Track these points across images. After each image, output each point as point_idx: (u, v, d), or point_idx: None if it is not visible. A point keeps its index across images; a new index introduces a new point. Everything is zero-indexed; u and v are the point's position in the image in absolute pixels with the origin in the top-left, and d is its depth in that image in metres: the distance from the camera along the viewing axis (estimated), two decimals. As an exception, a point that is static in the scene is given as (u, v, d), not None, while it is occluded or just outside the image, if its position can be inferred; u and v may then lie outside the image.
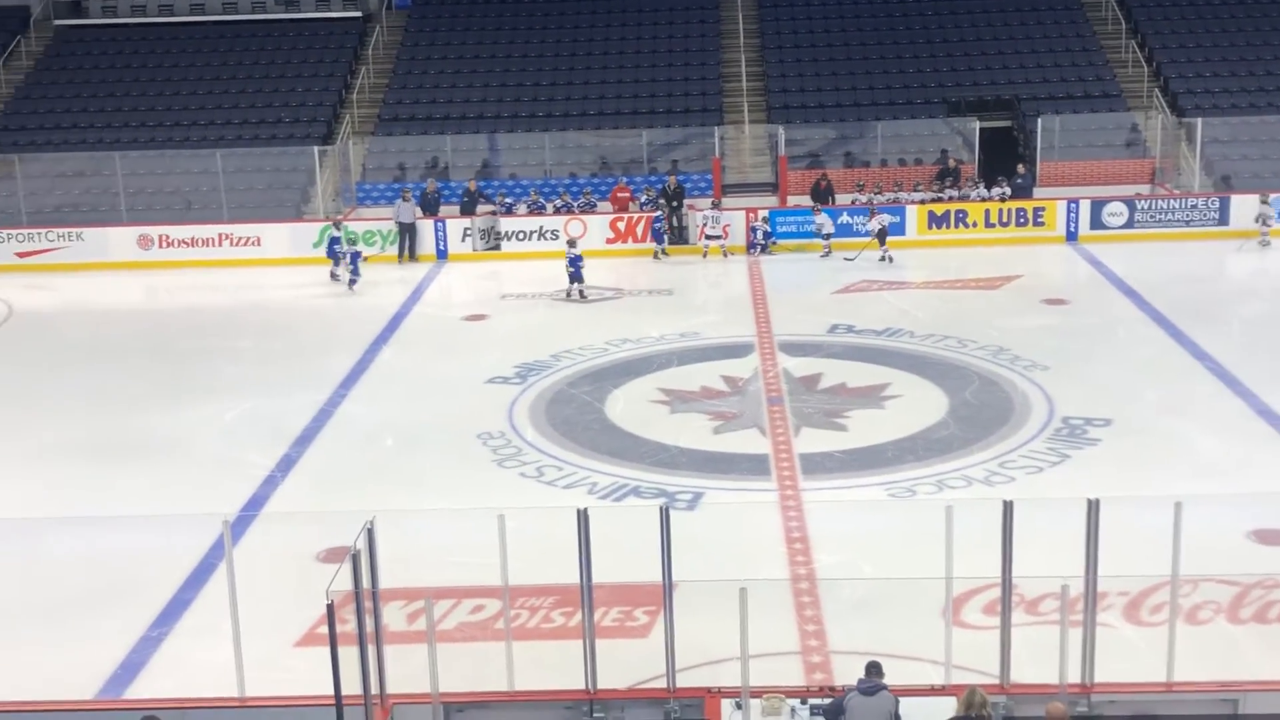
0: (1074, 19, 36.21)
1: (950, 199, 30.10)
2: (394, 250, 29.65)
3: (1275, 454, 16.96)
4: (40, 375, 22.33)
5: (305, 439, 18.43)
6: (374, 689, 9.84)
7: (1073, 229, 29.53)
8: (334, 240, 27.87)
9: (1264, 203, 27.92)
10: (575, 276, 25.65)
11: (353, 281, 27.11)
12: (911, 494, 15.95)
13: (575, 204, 30.59)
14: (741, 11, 37.21)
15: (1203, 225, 29.08)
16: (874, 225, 28.46)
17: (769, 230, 29.30)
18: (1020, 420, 18.32)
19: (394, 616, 12.29)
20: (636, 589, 12.62)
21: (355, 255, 27.35)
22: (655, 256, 29.22)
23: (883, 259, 27.85)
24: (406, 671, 10.45)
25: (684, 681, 10.50)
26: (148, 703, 10.50)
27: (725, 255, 28.80)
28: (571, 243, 26.10)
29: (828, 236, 28.96)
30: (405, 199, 29.74)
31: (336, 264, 27.64)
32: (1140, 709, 10.26)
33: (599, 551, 10.62)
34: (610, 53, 36.22)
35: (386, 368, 22.03)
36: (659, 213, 29.48)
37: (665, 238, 29.37)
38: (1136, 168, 31.80)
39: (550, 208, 30.49)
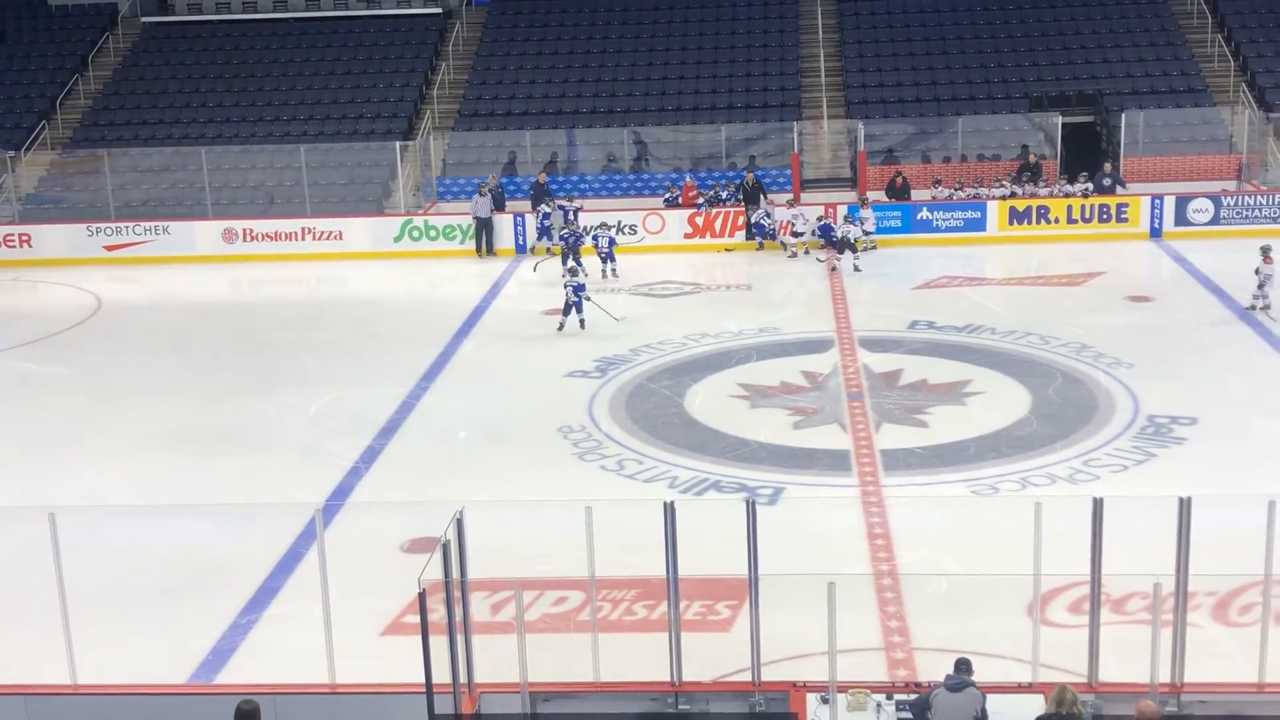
0: (1158, 12, 35.67)
1: (1031, 195, 29.78)
2: (472, 245, 29.89)
3: (1368, 455, 16.65)
4: (128, 367, 22.78)
5: (388, 431, 18.64)
6: (462, 678, 9.95)
7: (1157, 225, 29.12)
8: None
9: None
10: (576, 306, 23.15)
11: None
12: (994, 491, 15.82)
13: (663, 196, 30.64)
14: (821, 6, 37.07)
15: (1291, 222, 28.57)
16: (841, 231, 27.60)
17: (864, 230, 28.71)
18: (1104, 418, 18.12)
19: (478, 607, 12.41)
20: (718, 582, 12.65)
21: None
22: (759, 248, 29.18)
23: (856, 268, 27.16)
24: (492, 661, 10.56)
25: (768, 676, 10.52)
26: (240, 688, 10.67)
27: (807, 251, 28.65)
28: (573, 271, 23.65)
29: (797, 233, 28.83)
30: (482, 194, 29.96)
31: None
32: (1231, 709, 10.14)
33: (680, 545, 10.66)
34: (689, 48, 36.24)
35: (467, 361, 22.22)
36: (748, 209, 29.42)
37: (755, 232, 29.31)
38: (1222, 163, 31.28)
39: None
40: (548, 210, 28.81)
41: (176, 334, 25.03)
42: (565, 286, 23.23)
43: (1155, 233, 29.08)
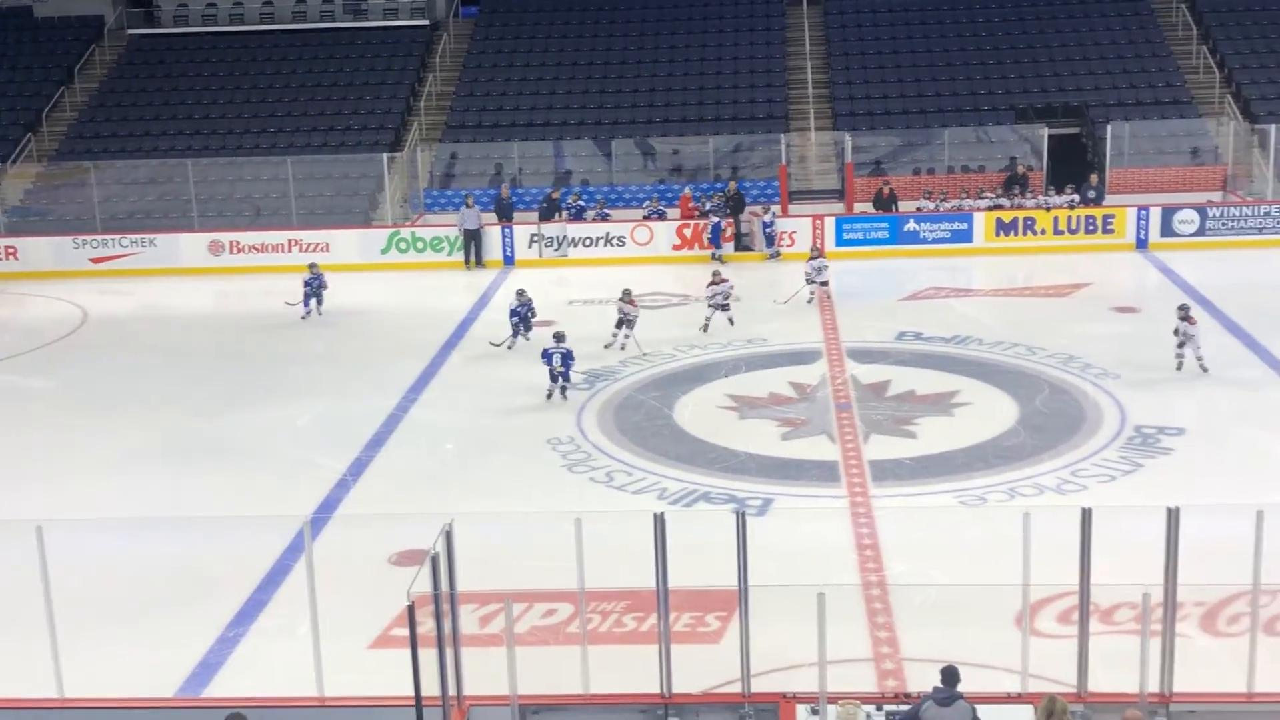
0: (1144, 24, 35.85)
1: (1017, 206, 29.88)
2: (460, 257, 29.91)
3: (1354, 465, 16.71)
4: (115, 380, 22.70)
5: (376, 443, 18.60)
6: (451, 690, 9.92)
7: (1143, 236, 29.22)
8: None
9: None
10: (564, 375, 20.15)
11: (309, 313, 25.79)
12: (983, 501, 15.84)
13: (644, 209, 30.72)
14: (808, 18, 37.18)
15: (1276, 233, 28.71)
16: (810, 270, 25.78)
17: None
18: (1092, 428, 18.16)
19: (467, 619, 12.38)
20: (707, 594, 12.63)
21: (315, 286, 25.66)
22: (713, 259, 29.25)
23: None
24: (481, 673, 10.53)
25: (758, 687, 10.50)
26: (228, 701, 10.62)
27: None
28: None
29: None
30: (469, 205, 29.99)
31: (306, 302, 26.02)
32: (1221, 719, 10.15)
33: (670, 556, 10.64)
34: (677, 60, 36.31)
35: (455, 373, 22.20)
36: (717, 219, 29.47)
37: (721, 243, 29.36)
38: (1208, 175, 31.45)
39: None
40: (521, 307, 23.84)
41: (163, 346, 24.97)
42: (551, 356, 20.13)
43: (1141, 244, 29.19)
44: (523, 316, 22.98)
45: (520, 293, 23.23)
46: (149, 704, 11.19)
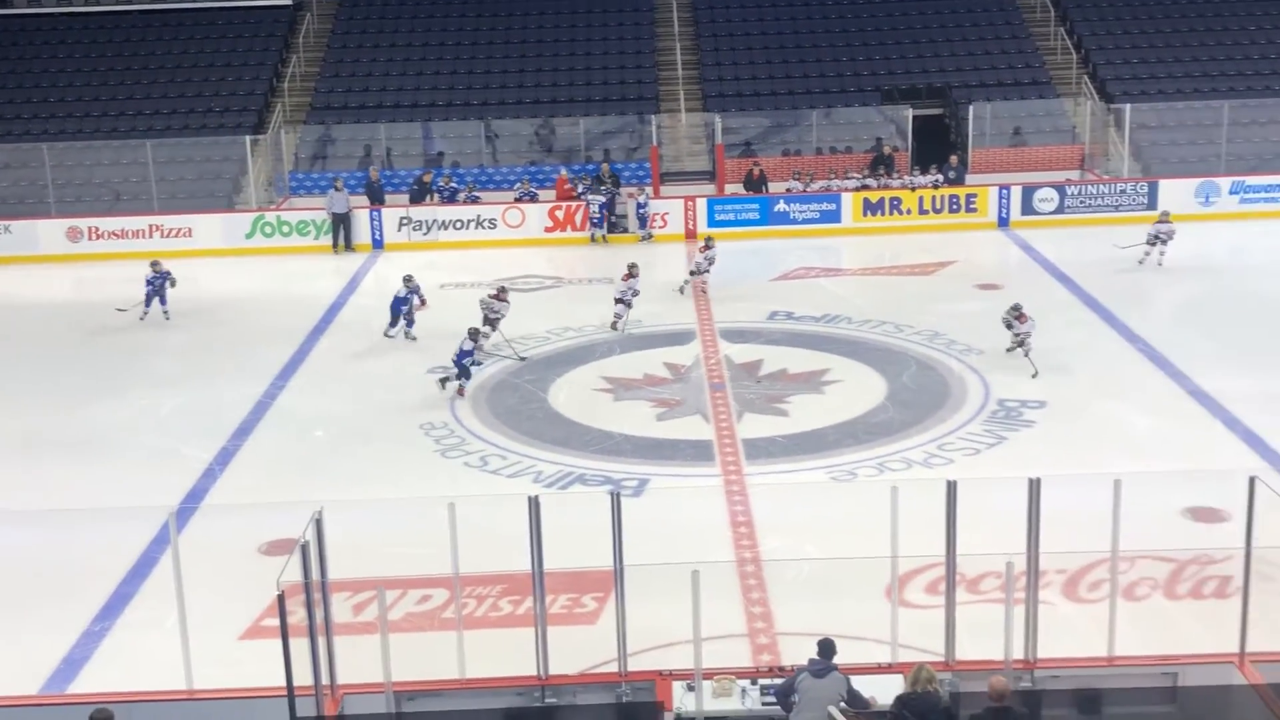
0: (1003, 6, 36.61)
1: (884, 186, 30.35)
2: (328, 240, 29.46)
3: (1206, 433, 17.32)
4: (-30, 370, 21.96)
5: (243, 431, 18.27)
6: (324, 679, 9.81)
7: (1004, 215, 29.88)
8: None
9: (1163, 220, 26.17)
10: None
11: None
12: (853, 477, 16.11)
13: (515, 191, 30.57)
14: (676, 0, 37.25)
15: (1132, 210, 29.52)
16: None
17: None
18: (957, 403, 18.56)
19: (340, 608, 12.24)
20: (583, 576, 12.64)
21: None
22: (593, 240, 29.24)
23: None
24: (355, 662, 10.42)
25: (634, 666, 10.56)
26: (94, 697, 10.36)
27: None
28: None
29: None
30: (338, 189, 29.54)
31: None
32: (1083, 683, 10.46)
33: (546, 539, 10.65)
34: (545, 40, 36.11)
35: (323, 359, 21.88)
36: (604, 199, 29.46)
37: (605, 224, 29.38)
38: (1066, 154, 32.25)
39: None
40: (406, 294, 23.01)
41: (21, 336, 24.19)
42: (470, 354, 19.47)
43: (1003, 222, 29.85)
44: (408, 305, 22.15)
45: (408, 279, 22.37)
46: (11, 702, 10.88)
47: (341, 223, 29.38)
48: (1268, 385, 18.77)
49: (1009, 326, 20.16)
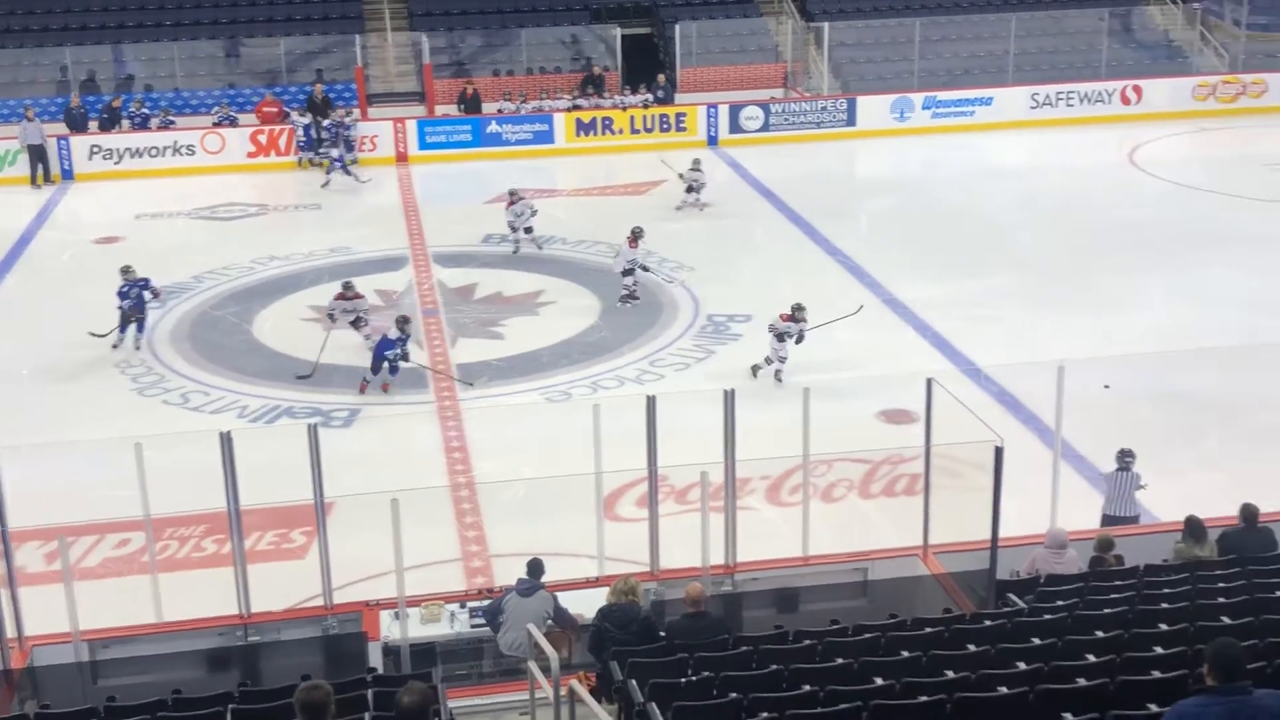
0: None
1: (595, 106, 30.44)
2: (25, 172, 27.53)
3: (900, 340, 18.18)
4: None
5: (-79, 377, 17.10)
6: (10, 632, 9.35)
7: (713, 134, 30.41)
8: None
9: (695, 168, 24.93)
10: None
11: None
12: (567, 397, 16.25)
13: (214, 116, 29.31)
14: (379, -86, 36.18)
15: (833, 127, 30.49)
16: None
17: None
18: (669, 320, 18.92)
19: (32, 557, 11.68)
20: (292, 510, 12.36)
21: None
22: (300, 165, 28.35)
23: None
24: (47, 612, 9.96)
25: (342, 598, 10.44)
26: None
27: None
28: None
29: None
30: (29, 118, 27.64)
31: None
32: (781, 583, 10.91)
33: (255, 475, 10.39)
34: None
35: (10, 296, 20.64)
36: (307, 120, 28.55)
37: (314, 149, 28.50)
38: (770, 72, 33.00)
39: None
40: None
41: None
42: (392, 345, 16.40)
43: (712, 140, 30.37)
44: (137, 301, 17.99)
45: (127, 270, 18.34)
46: None
47: (38, 155, 27.49)
48: (954, 291, 19.80)
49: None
